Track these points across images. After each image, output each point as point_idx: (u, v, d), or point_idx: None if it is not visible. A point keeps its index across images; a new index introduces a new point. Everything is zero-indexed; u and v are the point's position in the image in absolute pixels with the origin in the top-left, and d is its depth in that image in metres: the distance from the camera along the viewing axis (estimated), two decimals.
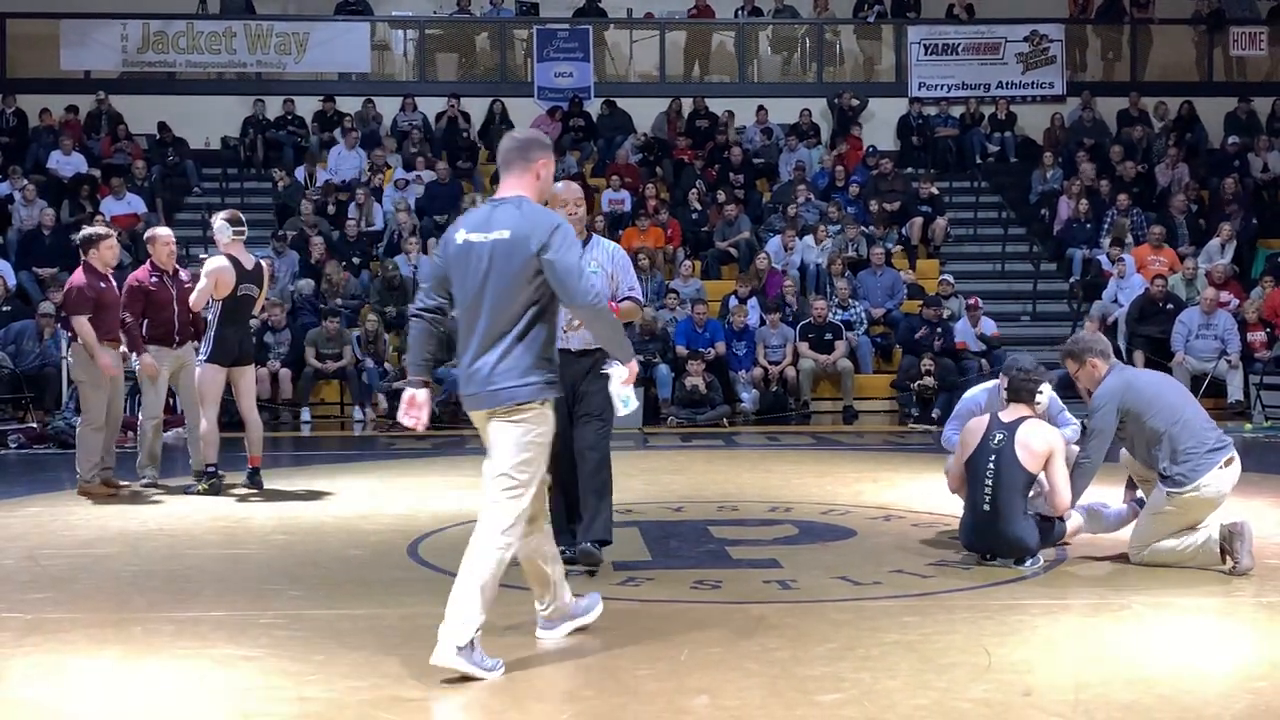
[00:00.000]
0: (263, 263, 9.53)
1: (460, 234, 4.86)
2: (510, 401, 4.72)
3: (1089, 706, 4.31)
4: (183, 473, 9.67)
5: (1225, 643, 5.25)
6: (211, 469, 8.99)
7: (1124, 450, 6.83)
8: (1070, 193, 18.14)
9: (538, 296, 4.72)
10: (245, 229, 9.29)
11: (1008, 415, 6.60)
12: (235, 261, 9.03)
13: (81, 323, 9.03)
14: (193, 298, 9.09)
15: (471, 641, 4.55)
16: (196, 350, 9.22)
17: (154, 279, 9.40)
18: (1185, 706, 4.33)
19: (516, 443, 4.73)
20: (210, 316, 9.02)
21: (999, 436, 6.51)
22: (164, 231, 9.79)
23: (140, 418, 9.58)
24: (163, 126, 19.60)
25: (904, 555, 6.83)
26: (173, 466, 9.91)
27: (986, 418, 6.70)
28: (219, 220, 9.26)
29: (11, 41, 20.94)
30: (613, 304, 5.93)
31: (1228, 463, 6.37)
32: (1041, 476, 6.54)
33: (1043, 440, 6.46)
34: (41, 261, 16.28)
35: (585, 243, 6.08)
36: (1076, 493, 6.55)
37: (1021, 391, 6.63)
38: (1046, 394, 6.70)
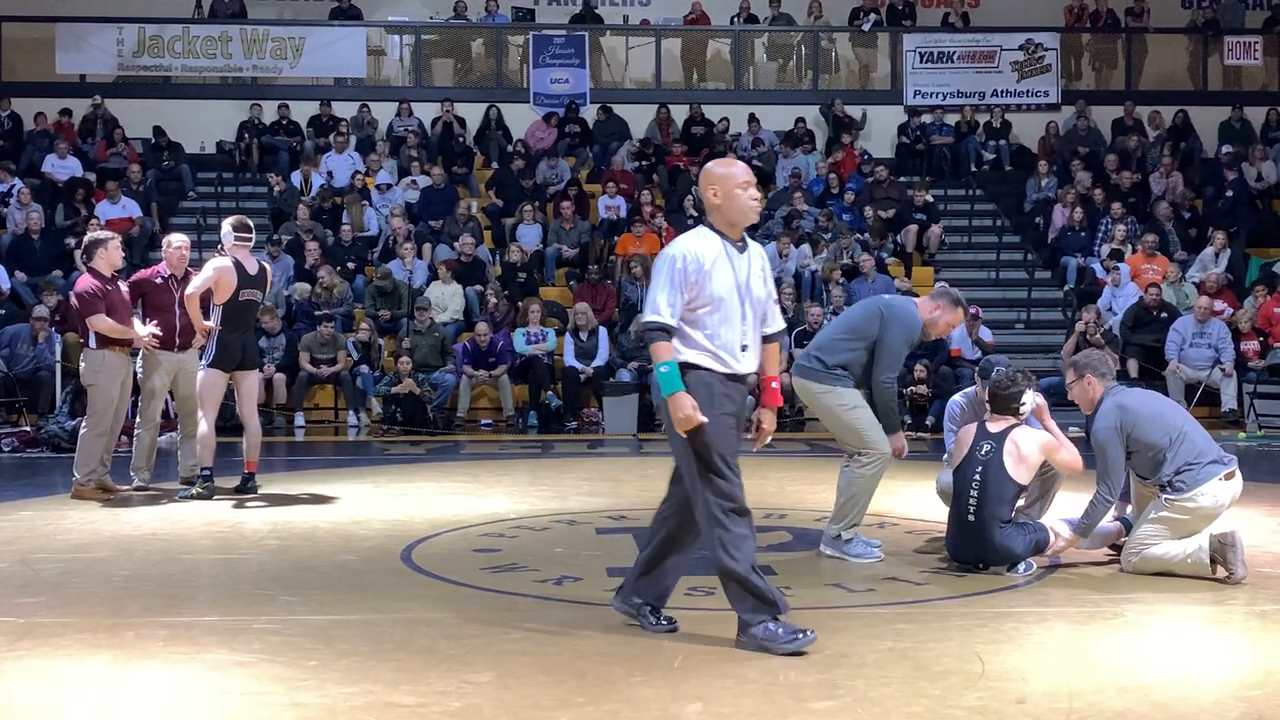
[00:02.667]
0: (267, 268, 9.53)
1: None
2: None
3: (1083, 714, 4.31)
4: (175, 477, 9.66)
5: (1219, 651, 5.26)
6: (206, 473, 8.98)
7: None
8: (1065, 201, 18.16)
9: None
10: (252, 235, 9.31)
11: (994, 425, 6.63)
12: (239, 266, 9.04)
13: (99, 319, 9.04)
14: (189, 287, 9.05)
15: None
16: (201, 353, 9.23)
17: (159, 280, 9.51)
18: (1179, 714, 4.33)
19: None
20: (213, 321, 9.02)
21: (986, 447, 6.52)
22: (178, 237, 9.88)
23: (137, 421, 9.58)
24: (158, 130, 19.59)
25: (898, 562, 6.83)
26: (165, 471, 9.90)
27: (973, 427, 6.73)
28: (225, 225, 9.30)
29: (6, 45, 20.90)
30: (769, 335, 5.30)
31: (1228, 476, 6.40)
32: (1031, 486, 6.59)
33: (1033, 446, 6.48)
34: (33, 266, 16.25)
35: (745, 245, 5.19)
36: (1090, 526, 6.58)
37: (1006, 403, 6.66)
38: (1029, 403, 6.71)
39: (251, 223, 9.46)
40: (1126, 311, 15.56)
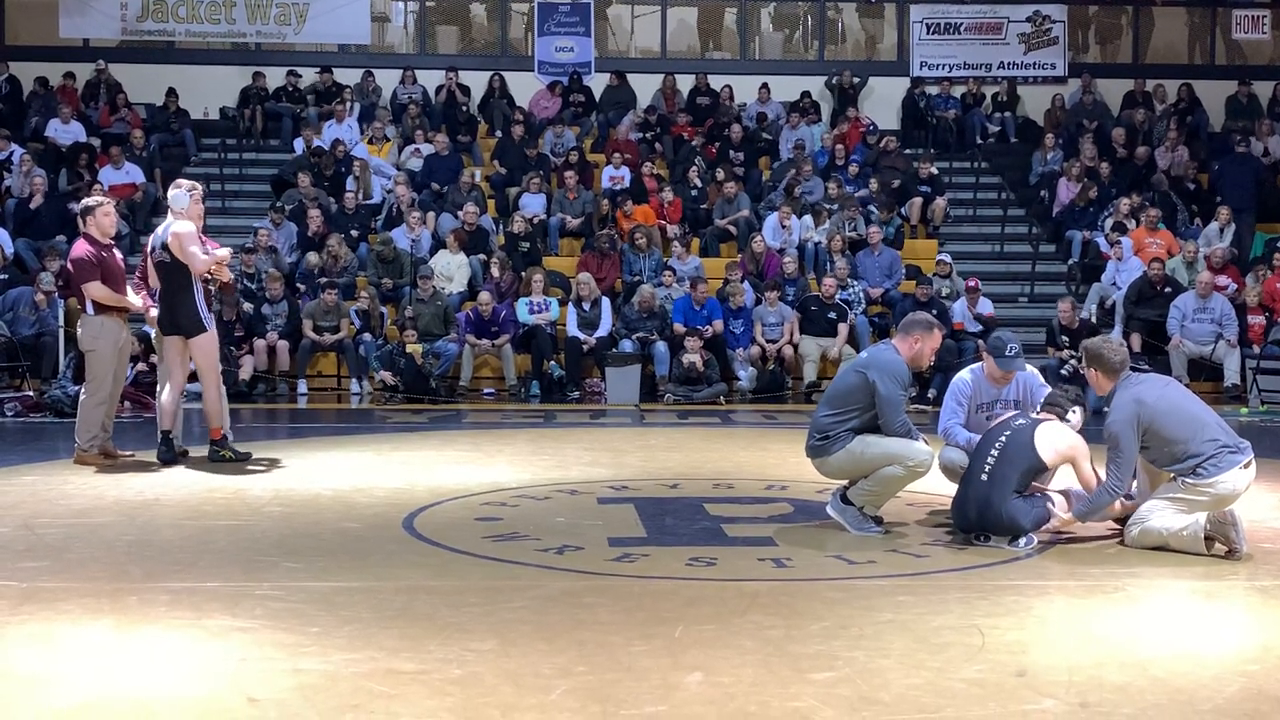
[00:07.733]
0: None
1: None
2: None
3: (1082, 688, 4.33)
4: (192, 442, 9.62)
5: (1218, 625, 5.27)
6: (164, 433, 9.01)
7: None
8: (1070, 174, 18.10)
9: None
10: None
11: (1036, 414, 6.83)
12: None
13: (94, 287, 9.02)
14: (199, 266, 9.00)
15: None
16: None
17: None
18: (1178, 689, 4.34)
19: None
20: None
21: (1022, 420, 6.69)
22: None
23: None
24: (170, 92, 19.51)
25: (899, 534, 6.84)
26: (189, 435, 9.84)
27: (1015, 413, 6.94)
28: (171, 190, 9.23)
29: (10, 8, 20.85)
30: None
31: (1247, 464, 6.45)
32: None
33: (1067, 442, 6.57)
34: (37, 230, 16.23)
35: None
36: (1093, 512, 6.62)
37: (1054, 410, 6.81)
38: (1076, 418, 6.82)
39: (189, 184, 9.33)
40: (1130, 286, 15.52)
